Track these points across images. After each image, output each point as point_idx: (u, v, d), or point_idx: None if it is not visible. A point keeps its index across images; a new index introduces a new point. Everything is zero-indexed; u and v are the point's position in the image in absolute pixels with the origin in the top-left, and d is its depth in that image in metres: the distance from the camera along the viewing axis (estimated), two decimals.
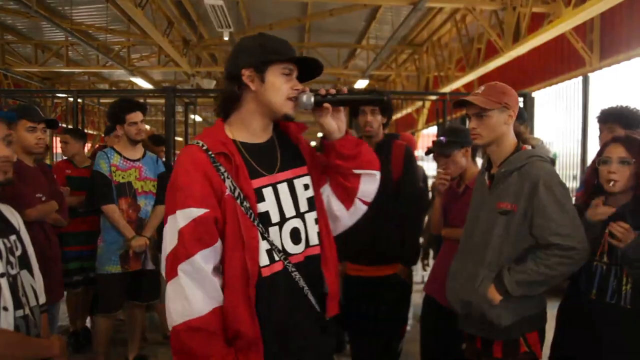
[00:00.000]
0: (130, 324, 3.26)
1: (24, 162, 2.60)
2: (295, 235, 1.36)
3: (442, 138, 2.47)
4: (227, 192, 1.28)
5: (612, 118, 2.55)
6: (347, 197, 1.49)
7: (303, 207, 1.39)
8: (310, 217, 1.40)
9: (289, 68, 1.34)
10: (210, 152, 1.29)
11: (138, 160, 3.09)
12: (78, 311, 3.71)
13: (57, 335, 1.56)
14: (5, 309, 1.33)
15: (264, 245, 1.30)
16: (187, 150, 1.34)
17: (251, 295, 1.26)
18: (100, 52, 8.49)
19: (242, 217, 1.27)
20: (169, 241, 1.26)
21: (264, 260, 1.30)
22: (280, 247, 1.32)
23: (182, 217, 1.24)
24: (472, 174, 2.44)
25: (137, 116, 3.02)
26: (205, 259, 1.24)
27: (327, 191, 1.50)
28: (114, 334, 3.87)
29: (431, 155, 2.71)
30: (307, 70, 1.41)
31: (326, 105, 1.37)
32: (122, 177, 3.00)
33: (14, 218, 1.51)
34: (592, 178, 1.93)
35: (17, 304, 1.39)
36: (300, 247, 1.37)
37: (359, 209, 1.54)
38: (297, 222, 1.37)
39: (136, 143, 3.08)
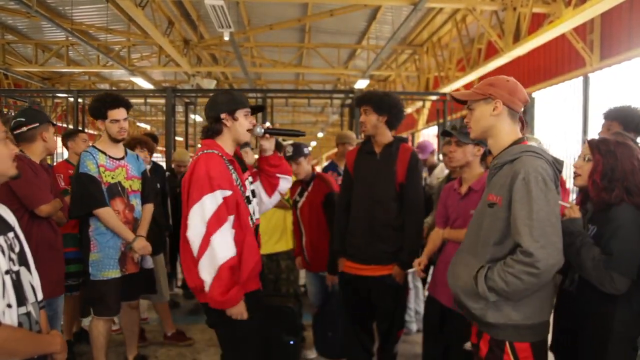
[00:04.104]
0: (127, 325, 3.21)
1: (34, 160, 2.74)
2: (254, 211, 2.25)
3: (464, 128, 2.45)
4: (234, 182, 2.08)
5: (612, 116, 2.57)
6: (271, 189, 2.41)
7: (250, 194, 2.27)
8: (255, 200, 2.30)
9: (248, 110, 2.16)
10: (224, 158, 2.09)
11: (122, 158, 2.94)
12: (74, 318, 3.61)
13: (57, 331, 1.56)
14: (9, 305, 1.34)
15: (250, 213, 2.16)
16: (212, 155, 2.06)
17: (255, 241, 2.17)
18: (100, 52, 8.49)
19: (241, 198, 2.11)
20: (211, 208, 1.96)
21: (250, 223, 2.15)
22: (253, 216, 2.20)
23: (220, 194, 1.99)
24: (475, 176, 2.43)
25: (120, 113, 2.83)
26: (230, 221, 2.02)
27: (257, 185, 2.39)
28: (112, 335, 3.87)
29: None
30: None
31: (267, 135, 2.28)
32: (112, 178, 2.85)
33: (8, 216, 1.51)
34: None
35: (20, 301, 1.39)
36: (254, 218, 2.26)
37: (277, 198, 2.45)
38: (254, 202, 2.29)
39: (118, 142, 2.91)
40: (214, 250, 1.93)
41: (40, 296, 1.55)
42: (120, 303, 2.94)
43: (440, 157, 4.32)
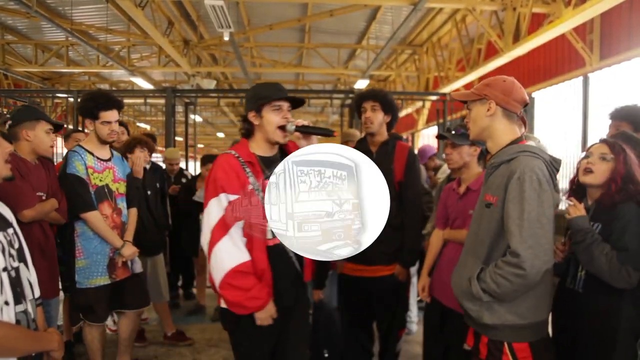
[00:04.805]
0: (128, 332, 3.01)
1: (27, 160, 2.57)
2: None
3: (459, 129, 2.46)
4: (250, 186, 1.89)
5: (620, 116, 2.54)
6: None
7: None
8: None
9: (277, 104, 1.93)
10: (240, 159, 1.93)
11: (109, 160, 2.83)
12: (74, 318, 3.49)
13: (54, 329, 1.56)
14: (7, 303, 1.34)
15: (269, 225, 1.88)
16: (225, 156, 1.95)
17: (264, 255, 1.90)
18: (100, 52, 8.49)
19: (256, 204, 1.88)
20: (217, 213, 1.84)
21: (269, 235, 1.90)
22: None
23: (225, 198, 1.85)
24: (474, 176, 2.43)
25: (112, 115, 2.71)
26: (239, 227, 1.87)
27: None
28: (112, 334, 3.87)
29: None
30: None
31: (296, 134, 2.03)
32: (100, 180, 2.73)
33: (6, 212, 1.50)
34: (573, 177, 2.04)
35: (18, 299, 1.39)
36: None
37: None
38: None
39: (107, 143, 2.80)
40: (218, 258, 1.83)
41: (37, 293, 1.55)
42: (108, 310, 2.83)
43: (443, 156, 4.33)
